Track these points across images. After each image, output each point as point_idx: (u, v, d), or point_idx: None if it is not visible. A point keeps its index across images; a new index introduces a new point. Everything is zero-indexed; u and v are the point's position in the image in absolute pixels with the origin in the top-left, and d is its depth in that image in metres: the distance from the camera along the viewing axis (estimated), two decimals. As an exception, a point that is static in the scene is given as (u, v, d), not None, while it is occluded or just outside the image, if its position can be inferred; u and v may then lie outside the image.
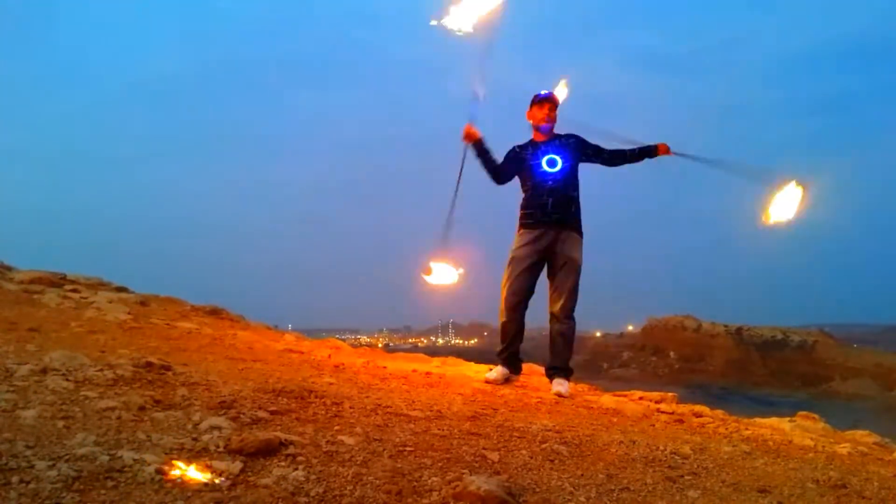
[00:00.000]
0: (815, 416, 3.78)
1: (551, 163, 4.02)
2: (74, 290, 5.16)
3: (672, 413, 3.36)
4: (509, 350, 4.07)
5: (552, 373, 4.00)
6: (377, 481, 1.83)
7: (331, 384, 3.06)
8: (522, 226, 4.09)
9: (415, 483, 1.86)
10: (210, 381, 2.67)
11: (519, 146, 4.20)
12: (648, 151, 4.14)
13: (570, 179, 4.05)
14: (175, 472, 1.66)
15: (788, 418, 3.66)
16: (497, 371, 4.01)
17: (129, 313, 4.43)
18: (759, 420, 3.55)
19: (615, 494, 2.01)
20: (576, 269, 3.99)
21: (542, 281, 4.10)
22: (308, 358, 3.88)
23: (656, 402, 3.75)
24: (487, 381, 3.86)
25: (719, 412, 3.65)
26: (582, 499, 1.95)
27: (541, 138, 4.15)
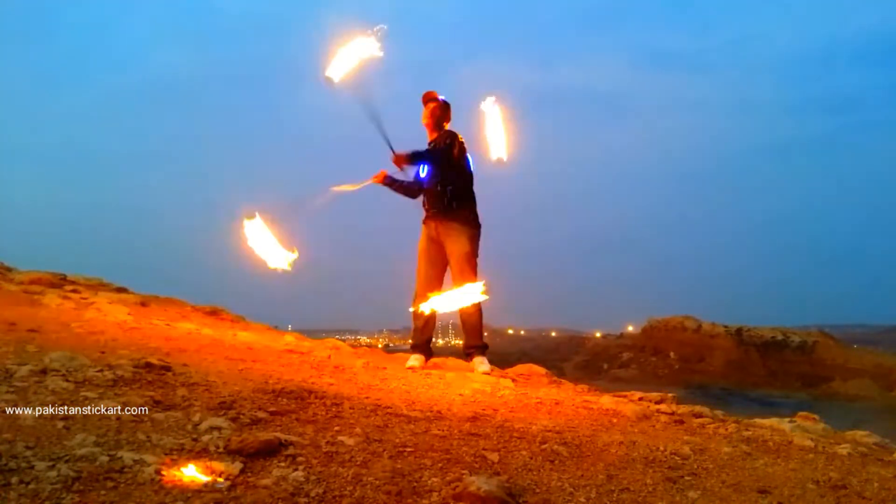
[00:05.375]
0: (816, 416, 3.77)
1: (421, 168, 4.32)
2: (74, 291, 5.16)
3: (672, 414, 3.35)
4: (423, 338, 4.35)
5: (471, 352, 4.33)
6: (377, 482, 1.83)
7: (330, 385, 3.06)
8: (422, 224, 4.46)
9: (415, 483, 1.86)
10: (210, 381, 2.67)
11: None
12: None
13: (438, 178, 4.29)
14: (175, 473, 1.66)
15: (788, 419, 3.65)
16: (417, 359, 4.25)
17: (129, 314, 4.43)
18: (759, 420, 3.54)
19: (615, 495, 2.01)
20: (464, 257, 4.25)
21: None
22: (308, 358, 3.88)
23: (656, 403, 3.74)
24: (413, 370, 4.02)
25: (719, 413, 3.64)
26: (582, 499, 1.95)
27: (428, 139, 4.41)
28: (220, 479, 1.68)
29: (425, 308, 4.04)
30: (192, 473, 1.68)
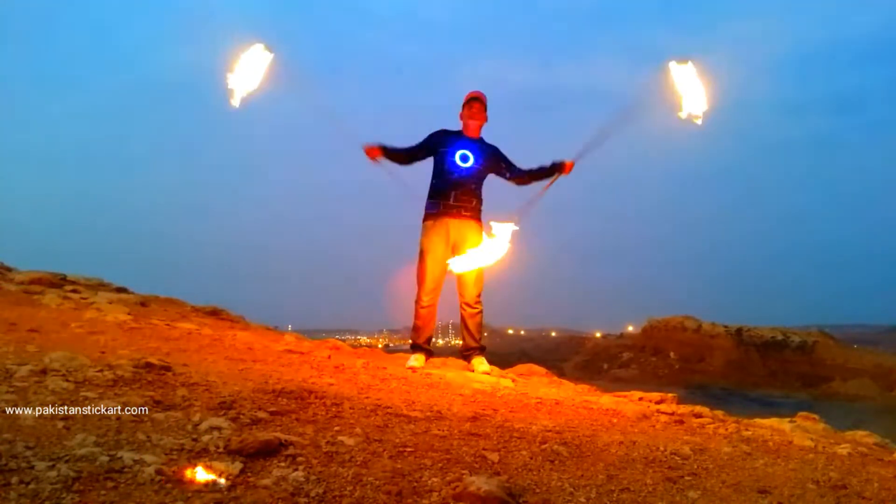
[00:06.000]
0: (816, 416, 3.78)
1: (464, 158, 4.26)
2: (74, 291, 5.17)
3: (672, 414, 3.35)
4: (423, 338, 4.34)
5: (470, 353, 4.35)
6: (377, 482, 1.83)
7: (331, 385, 3.05)
8: (429, 216, 4.33)
9: (415, 484, 1.86)
10: (210, 381, 2.67)
11: (446, 131, 4.40)
12: (554, 168, 4.32)
13: (476, 178, 4.32)
14: (175, 473, 1.66)
15: (788, 419, 3.65)
16: (417, 359, 4.22)
17: (129, 314, 4.43)
18: (759, 421, 3.55)
19: (615, 495, 2.01)
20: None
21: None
22: (308, 358, 3.88)
23: (656, 403, 3.74)
24: (413, 370, 3.98)
25: (719, 413, 3.65)
26: (582, 499, 1.95)
27: (468, 134, 4.38)
28: (220, 479, 1.68)
29: (454, 266, 4.03)
30: (191, 473, 1.67)
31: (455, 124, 4.46)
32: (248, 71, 4.02)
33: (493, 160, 4.39)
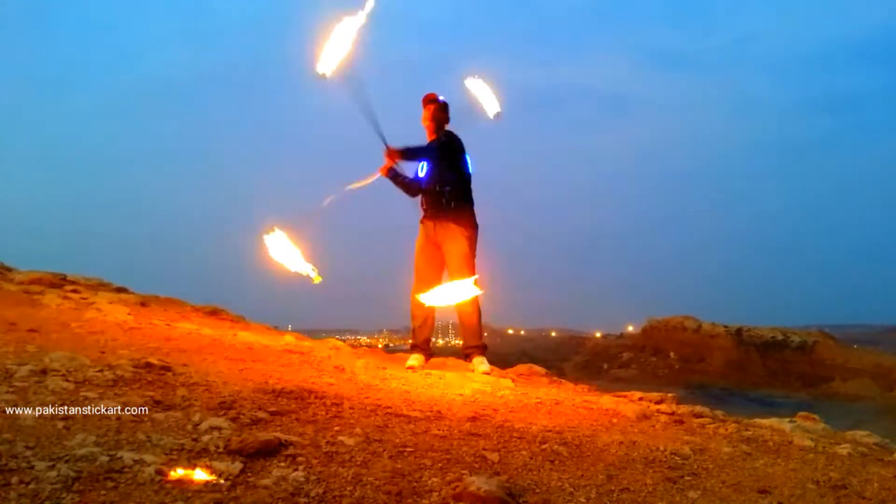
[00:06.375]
0: (815, 416, 3.77)
1: (421, 167, 4.40)
2: (74, 291, 5.16)
3: (672, 414, 3.35)
4: (422, 338, 4.37)
5: (470, 353, 4.34)
6: (377, 482, 1.83)
7: (330, 385, 3.06)
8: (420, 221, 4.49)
9: (415, 484, 1.86)
10: (210, 381, 2.67)
11: None
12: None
13: (437, 178, 4.33)
14: (175, 473, 1.66)
15: (788, 419, 3.65)
16: (416, 358, 4.24)
17: (129, 314, 4.43)
18: (759, 421, 3.55)
19: (615, 495, 2.02)
20: (461, 258, 4.26)
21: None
22: (308, 358, 3.88)
23: (656, 403, 3.74)
24: (413, 370, 3.99)
25: (719, 413, 3.65)
26: (582, 499, 1.95)
27: (428, 139, 4.41)
28: (220, 479, 1.68)
29: (424, 300, 4.07)
30: (191, 473, 1.68)
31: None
32: (339, 42, 4.05)
33: (440, 152, 4.33)
